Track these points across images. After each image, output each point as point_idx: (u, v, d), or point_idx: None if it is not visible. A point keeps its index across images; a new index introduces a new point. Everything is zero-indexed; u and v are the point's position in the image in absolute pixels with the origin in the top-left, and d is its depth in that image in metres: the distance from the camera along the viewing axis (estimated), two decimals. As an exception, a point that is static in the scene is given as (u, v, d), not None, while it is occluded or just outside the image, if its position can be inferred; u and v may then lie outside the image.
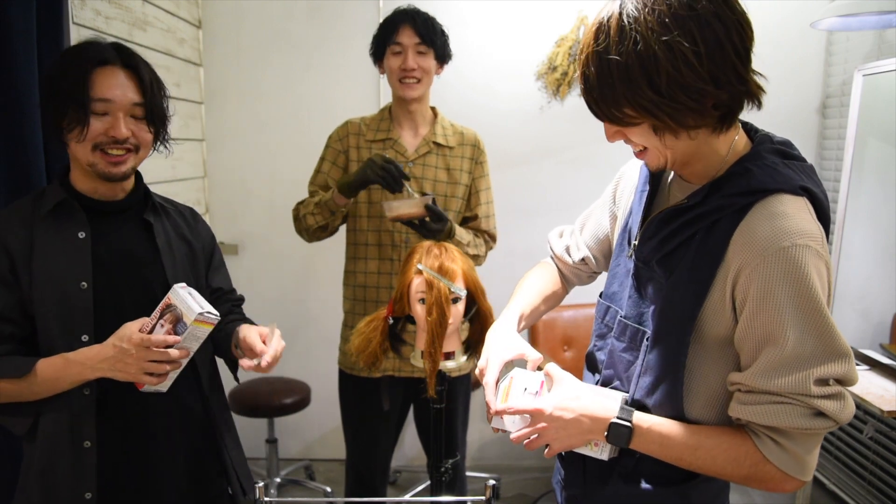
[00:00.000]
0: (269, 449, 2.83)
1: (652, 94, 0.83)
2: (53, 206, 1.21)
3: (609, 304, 1.11)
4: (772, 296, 0.86)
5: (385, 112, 1.99)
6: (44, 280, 1.18)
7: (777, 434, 0.91)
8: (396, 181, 1.72)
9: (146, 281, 1.29)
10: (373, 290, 1.96)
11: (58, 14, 1.48)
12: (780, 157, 0.94)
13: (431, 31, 1.86)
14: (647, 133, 0.90)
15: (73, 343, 1.19)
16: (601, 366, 1.12)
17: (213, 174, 3.01)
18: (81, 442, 1.21)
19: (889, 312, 2.46)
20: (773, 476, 0.92)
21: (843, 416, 0.88)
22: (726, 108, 0.87)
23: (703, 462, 0.95)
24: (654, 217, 1.00)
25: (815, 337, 0.86)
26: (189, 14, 2.77)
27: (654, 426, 0.97)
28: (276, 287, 3.09)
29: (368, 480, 2.08)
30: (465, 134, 2.00)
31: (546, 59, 2.92)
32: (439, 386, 1.40)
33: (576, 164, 2.99)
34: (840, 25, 2.37)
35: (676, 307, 0.95)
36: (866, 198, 2.58)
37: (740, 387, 0.92)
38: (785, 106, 3.00)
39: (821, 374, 0.87)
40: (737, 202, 0.90)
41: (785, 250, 0.85)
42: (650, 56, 0.82)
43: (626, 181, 1.18)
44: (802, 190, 0.90)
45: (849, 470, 2.81)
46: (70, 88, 1.15)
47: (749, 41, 0.86)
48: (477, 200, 2.00)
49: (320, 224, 1.89)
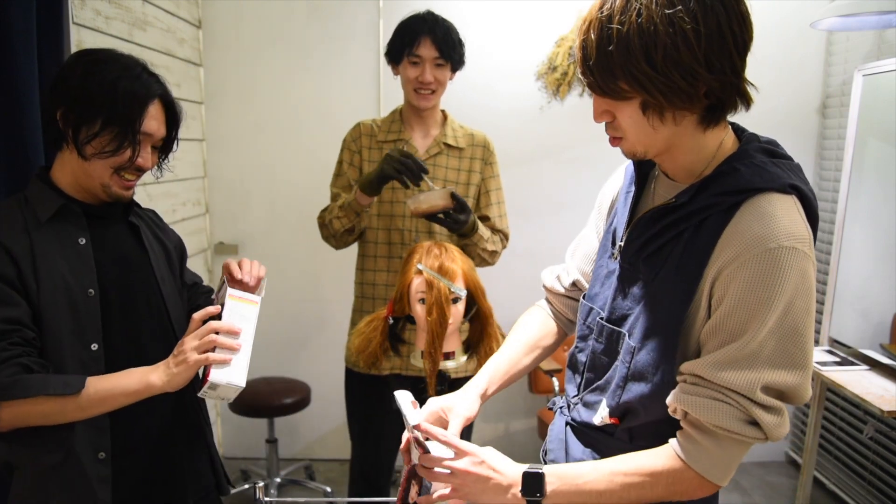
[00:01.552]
0: (269, 449, 2.83)
1: (647, 68, 0.84)
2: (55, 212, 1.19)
3: (591, 305, 1.10)
4: (752, 295, 0.85)
5: (396, 114, 2.01)
6: (51, 288, 1.14)
7: (701, 433, 0.90)
8: (415, 174, 1.71)
9: (142, 284, 1.29)
10: (382, 288, 1.97)
11: (58, 14, 1.48)
12: (768, 156, 0.94)
13: (451, 44, 1.85)
14: (634, 112, 0.90)
15: (83, 353, 1.17)
16: (582, 367, 1.11)
17: (213, 174, 3.01)
18: (96, 454, 1.19)
19: (889, 312, 2.46)
20: (691, 482, 0.91)
21: (775, 433, 0.87)
22: (716, 99, 0.88)
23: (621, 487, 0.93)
24: (642, 216, 1.00)
25: (781, 341, 0.86)
26: (189, 14, 2.77)
27: (563, 467, 0.97)
28: (275, 287, 3.08)
29: (373, 479, 2.08)
30: (475, 135, 2.01)
31: (546, 59, 2.93)
32: (439, 386, 1.40)
33: (576, 164, 2.99)
34: (840, 25, 2.37)
35: (664, 306, 0.94)
36: (866, 198, 2.58)
37: (688, 377, 0.92)
38: (785, 106, 3.00)
39: (771, 381, 0.86)
40: (725, 201, 0.90)
41: (771, 252, 0.85)
42: (651, 28, 0.82)
43: (608, 195, 1.18)
44: (791, 188, 0.90)
45: (849, 470, 2.81)
46: (121, 118, 1.15)
47: (748, 35, 0.87)
48: (488, 200, 2.01)
49: (346, 227, 1.89)
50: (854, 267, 2.61)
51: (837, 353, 2.51)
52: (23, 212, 1.18)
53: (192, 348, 1.13)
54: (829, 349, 2.57)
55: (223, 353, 1.14)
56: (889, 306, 2.46)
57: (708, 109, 0.89)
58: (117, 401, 1.13)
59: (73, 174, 1.21)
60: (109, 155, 1.16)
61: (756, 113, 0.94)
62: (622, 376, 0.99)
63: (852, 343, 2.51)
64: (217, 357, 1.13)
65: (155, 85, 1.21)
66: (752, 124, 0.98)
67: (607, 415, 1.02)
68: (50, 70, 1.46)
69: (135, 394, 1.13)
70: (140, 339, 1.27)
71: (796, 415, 3.23)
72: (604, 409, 1.03)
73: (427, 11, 1.90)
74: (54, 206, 1.19)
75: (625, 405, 1.00)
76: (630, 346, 0.98)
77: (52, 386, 1.08)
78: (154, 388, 1.13)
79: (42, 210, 1.18)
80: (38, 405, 1.08)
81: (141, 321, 1.27)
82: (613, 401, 1.01)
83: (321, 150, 2.80)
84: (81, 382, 1.10)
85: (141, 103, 1.17)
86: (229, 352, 1.15)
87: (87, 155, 1.17)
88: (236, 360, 1.15)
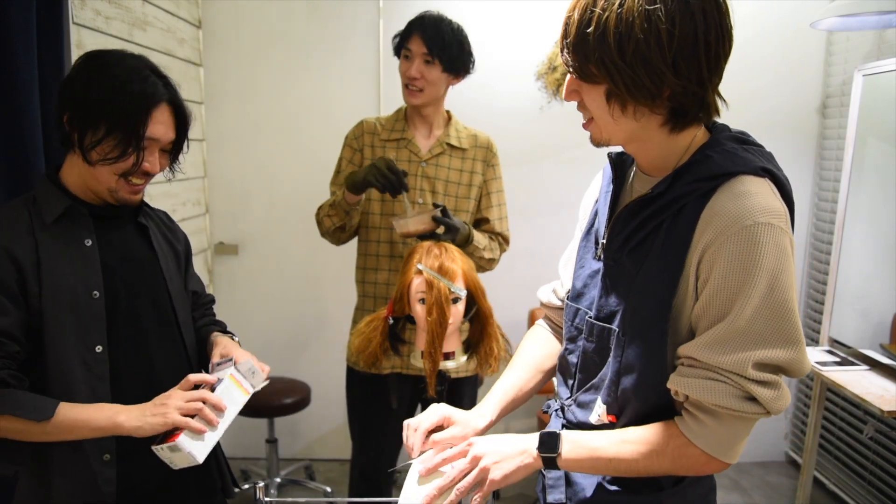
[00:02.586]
0: (269, 449, 2.83)
1: (617, 58, 0.85)
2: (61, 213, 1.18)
3: (577, 306, 1.10)
4: (733, 273, 0.86)
5: (400, 113, 2.02)
6: (54, 291, 1.13)
7: (703, 413, 0.91)
8: (395, 190, 1.73)
9: (149, 286, 1.28)
10: (383, 287, 1.97)
11: (58, 14, 1.48)
12: (738, 143, 0.96)
13: (440, 42, 1.85)
14: (599, 97, 0.92)
15: (87, 355, 1.16)
16: (574, 369, 1.11)
17: (213, 174, 3.01)
18: (101, 455, 1.19)
19: (889, 312, 2.46)
20: (698, 458, 0.93)
21: (774, 406, 0.88)
22: (678, 104, 0.89)
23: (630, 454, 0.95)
24: (621, 211, 1.01)
25: (768, 318, 0.87)
26: (189, 14, 2.77)
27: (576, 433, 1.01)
28: (275, 287, 3.09)
29: (374, 478, 2.08)
30: (479, 137, 2.02)
31: (546, 59, 2.92)
32: (439, 386, 1.40)
33: (576, 164, 2.99)
34: (840, 25, 2.37)
35: (650, 297, 0.95)
36: (866, 198, 2.58)
37: (684, 360, 0.93)
38: (785, 106, 3.00)
39: (762, 358, 0.87)
40: (700, 187, 0.91)
41: (748, 229, 0.85)
42: (629, 20, 0.84)
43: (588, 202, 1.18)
44: (763, 171, 0.91)
45: (849, 470, 2.81)
46: (126, 123, 1.13)
47: (724, 50, 0.88)
48: (489, 203, 2.01)
49: (337, 225, 1.91)
50: (854, 267, 2.61)
51: (837, 353, 2.51)
52: (30, 213, 1.17)
53: (176, 407, 1.12)
54: (829, 349, 2.57)
55: (201, 423, 1.13)
56: (889, 306, 2.46)
57: (671, 113, 0.91)
58: (82, 433, 1.12)
59: (80, 176, 1.20)
60: (114, 161, 1.15)
61: (756, 113, 0.94)
62: (615, 371, 1.00)
63: (852, 343, 2.51)
64: (195, 425, 1.12)
65: (162, 89, 1.19)
66: (752, 124, 0.98)
67: (604, 412, 1.03)
68: (50, 70, 1.46)
69: (100, 430, 1.12)
70: (147, 341, 1.27)
71: (796, 415, 3.23)
72: (600, 407, 1.04)
73: (433, 12, 1.91)
74: (61, 206, 1.18)
75: (621, 399, 1.00)
76: (620, 341, 0.99)
77: (22, 408, 1.07)
78: (121, 429, 1.11)
79: (48, 211, 1.17)
80: (5, 421, 1.08)
81: (148, 323, 1.27)
82: (609, 397, 1.02)
83: (321, 150, 2.80)
84: (52, 410, 1.09)
85: (145, 109, 1.15)
86: (206, 424, 1.14)
87: (93, 161, 1.15)
88: (207, 436, 1.14)
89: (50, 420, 1.08)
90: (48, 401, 1.10)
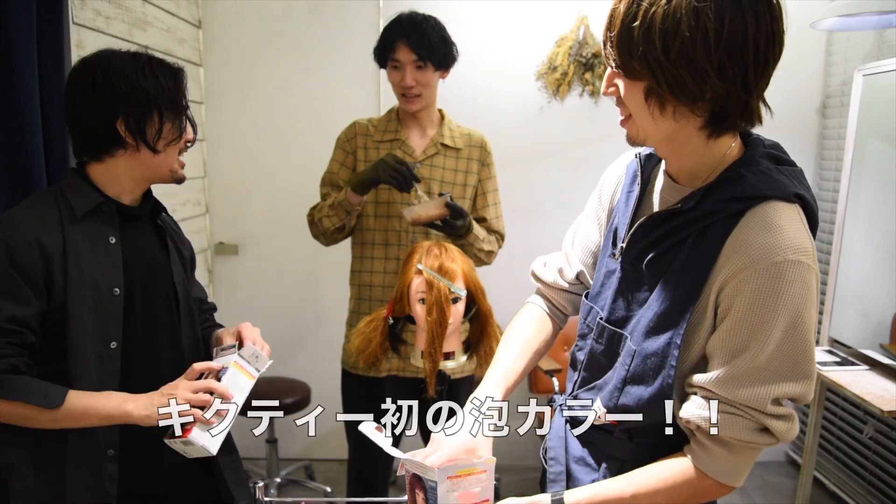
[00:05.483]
0: (269, 449, 2.83)
1: (661, 55, 0.82)
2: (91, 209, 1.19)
3: (592, 304, 1.09)
4: (756, 308, 0.85)
5: (392, 113, 2.00)
6: (79, 285, 1.15)
7: (714, 443, 0.92)
8: (407, 182, 1.73)
9: (162, 286, 1.30)
10: (378, 289, 1.96)
11: (58, 14, 1.48)
12: (773, 162, 0.93)
13: (427, 45, 1.82)
14: (638, 94, 0.89)
15: (102, 350, 1.18)
16: (580, 365, 1.11)
17: (213, 174, 3.01)
18: (105, 450, 1.20)
19: (889, 312, 2.46)
20: (710, 487, 0.94)
21: (787, 437, 0.89)
22: (719, 107, 0.86)
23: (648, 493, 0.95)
24: (646, 220, 0.99)
25: (788, 356, 0.86)
26: (189, 14, 2.77)
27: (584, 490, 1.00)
28: (275, 287, 3.09)
29: (371, 481, 2.08)
30: (473, 136, 2.00)
31: (546, 59, 2.92)
32: (439, 386, 1.40)
33: (576, 164, 2.99)
34: (840, 25, 2.37)
35: (666, 312, 0.94)
36: (866, 198, 2.58)
37: (698, 391, 0.92)
38: (785, 106, 3.00)
39: (780, 393, 0.88)
40: (730, 207, 0.89)
41: (777, 266, 0.84)
42: (676, 16, 0.81)
43: (609, 184, 1.15)
44: (796, 197, 0.90)
45: (849, 470, 2.81)
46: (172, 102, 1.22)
47: (773, 55, 0.85)
48: (485, 201, 2.00)
49: (337, 226, 1.89)
50: (854, 267, 2.61)
51: (837, 353, 2.51)
52: (59, 206, 1.19)
53: (183, 398, 1.13)
54: (830, 349, 2.56)
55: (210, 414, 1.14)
56: (889, 306, 2.46)
57: (712, 117, 0.88)
58: (91, 421, 1.13)
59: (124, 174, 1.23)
60: (177, 140, 1.23)
61: (756, 113, 0.93)
62: (621, 378, 0.99)
63: (852, 343, 2.51)
64: (204, 417, 1.13)
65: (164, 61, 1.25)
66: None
67: (604, 413, 1.02)
68: (50, 70, 1.46)
69: (109, 418, 1.13)
70: (155, 340, 1.28)
71: (796, 415, 3.23)
72: (599, 408, 1.03)
73: (407, 13, 1.87)
74: (91, 202, 1.20)
75: (622, 407, 0.99)
76: (631, 350, 0.98)
77: (33, 395, 1.09)
78: (130, 417, 1.13)
79: (79, 205, 1.19)
80: (15, 408, 1.09)
81: (158, 323, 1.29)
82: (611, 402, 1.01)
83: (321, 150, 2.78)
84: (62, 397, 1.10)
85: (179, 80, 1.23)
86: (216, 416, 1.14)
87: (160, 149, 1.21)
88: (217, 427, 1.15)
89: (59, 407, 1.10)
90: (58, 388, 1.12)
